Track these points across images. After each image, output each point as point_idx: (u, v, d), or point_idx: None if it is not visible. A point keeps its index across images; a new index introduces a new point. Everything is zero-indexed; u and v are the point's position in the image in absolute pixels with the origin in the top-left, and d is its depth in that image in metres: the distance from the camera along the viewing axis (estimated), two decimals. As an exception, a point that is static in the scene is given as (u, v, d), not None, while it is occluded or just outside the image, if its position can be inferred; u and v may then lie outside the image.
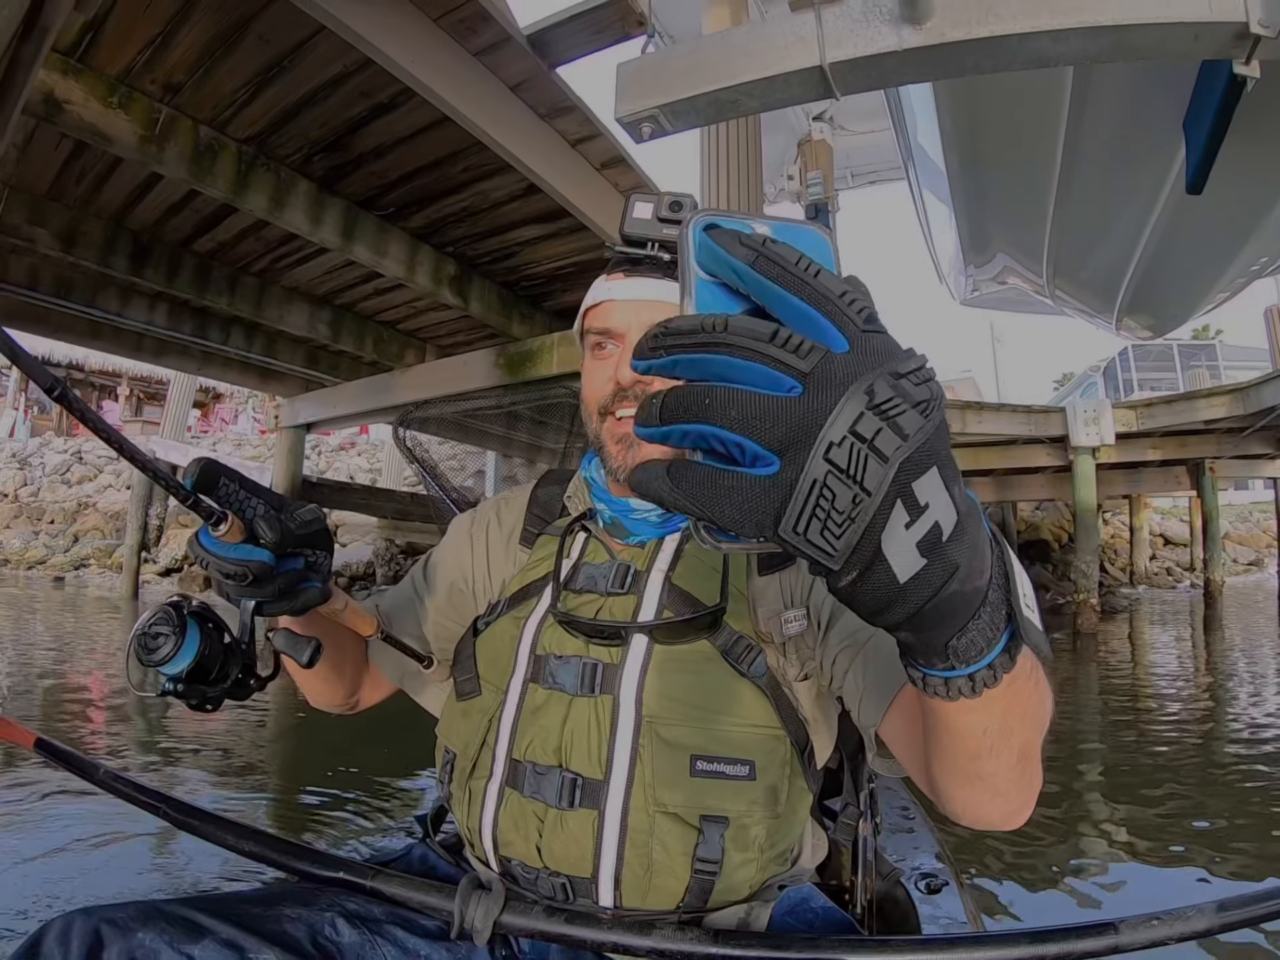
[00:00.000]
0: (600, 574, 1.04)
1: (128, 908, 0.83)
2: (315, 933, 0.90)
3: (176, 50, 3.68)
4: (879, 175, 16.22)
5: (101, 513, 17.26)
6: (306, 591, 0.88)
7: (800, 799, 0.99)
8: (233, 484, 0.81)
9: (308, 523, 0.86)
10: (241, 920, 0.86)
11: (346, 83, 3.87)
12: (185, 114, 4.11)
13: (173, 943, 0.80)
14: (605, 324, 1.02)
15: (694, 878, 0.90)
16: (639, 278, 1.01)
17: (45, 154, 4.57)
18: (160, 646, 0.82)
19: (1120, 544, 19.53)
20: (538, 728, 0.96)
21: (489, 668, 1.05)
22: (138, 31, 3.55)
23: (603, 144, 4.37)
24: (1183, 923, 0.67)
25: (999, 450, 12.60)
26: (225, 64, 3.77)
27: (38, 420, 25.87)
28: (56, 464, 19.65)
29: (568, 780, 0.92)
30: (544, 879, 0.93)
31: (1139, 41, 2.73)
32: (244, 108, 4.11)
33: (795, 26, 3.03)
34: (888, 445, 0.37)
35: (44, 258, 5.76)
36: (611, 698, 0.94)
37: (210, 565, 0.79)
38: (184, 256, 5.97)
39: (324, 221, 4.92)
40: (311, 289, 6.78)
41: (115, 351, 7.96)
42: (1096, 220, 7.76)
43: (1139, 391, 24.42)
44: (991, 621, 0.46)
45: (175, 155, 4.08)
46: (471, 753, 1.01)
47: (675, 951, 0.76)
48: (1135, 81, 5.34)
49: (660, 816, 0.90)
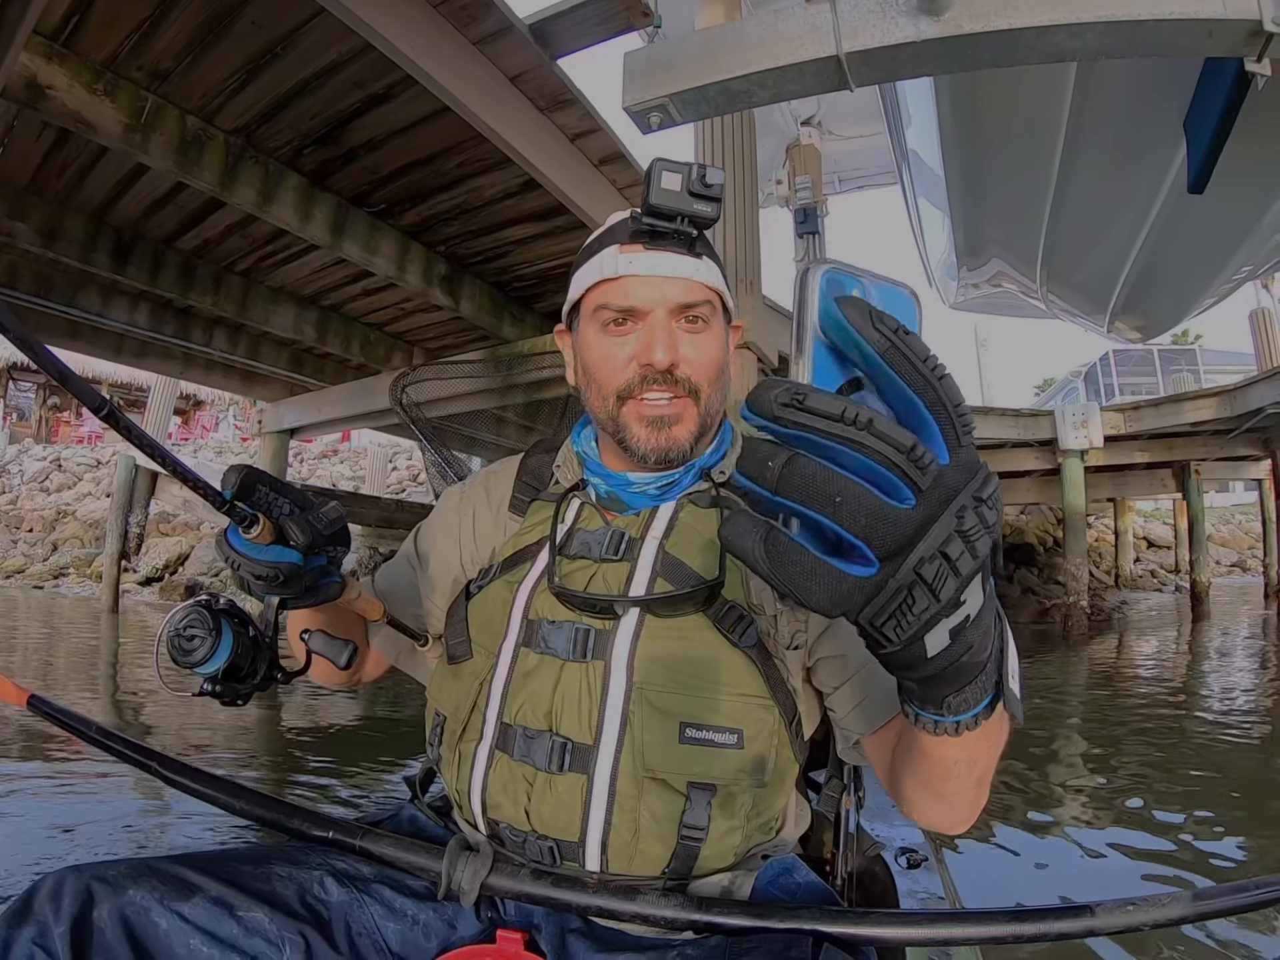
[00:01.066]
0: (595, 540, 1.02)
1: (118, 865, 0.85)
2: (304, 891, 0.91)
3: (165, 36, 3.58)
4: (867, 180, 16.23)
5: (81, 520, 17.04)
6: (329, 586, 0.92)
7: (787, 769, 0.98)
8: (267, 489, 0.84)
9: (333, 521, 0.88)
10: (231, 878, 0.87)
11: (340, 72, 3.77)
12: (172, 103, 4.01)
13: (163, 900, 0.82)
14: (627, 301, 0.98)
15: (680, 844, 0.90)
16: (663, 252, 0.97)
17: (26, 146, 4.47)
18: (196, 648, 0.84)
19: (1105, 547, 19.61)
20: (529, 692, 0.96)
21: (481, 631, 1.04)
22: (125, 16, 3.46)
23: (602, 139, 4.28)
24: (1158, 909, 0.68)
25: (987, 454, 12.48)
26: (215, 51, 3.67)
27: (16, 427, 25.64)
28: (35, 471, 19.41)
29: (558, 744, 0.92)
30: (532, 842, 0.93)
31: (1154, 37, 2.74)
32: (233, 97, 4.00)
33: (810, 16, 3.02)
34: (965, 566, 0.43)
35: (23, 254, 5.65)
36: (603, 663, 0.94)
37: (241, 567, 0.82)
38: (167, 254, 5.87)
39: (314, 217, 4.81)
40: (298, 289, 6.69)
41: (95, 354, 7.81)
42: (1093, 222, 7.79)
43: (1120, 396, 24.56)
44: (984, 685, 0.54)
45: (161, 145, 3.98)
46: (462, 715, 1.01)
47: (658, 917, 0.79)
48: (1136, 81, 5.36)
49: (649, 782, 0.91)
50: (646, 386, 0.99)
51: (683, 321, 1.00)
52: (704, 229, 0.97)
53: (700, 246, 1.00)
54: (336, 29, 3.34)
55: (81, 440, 23.35)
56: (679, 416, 1.00)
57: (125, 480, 12.37)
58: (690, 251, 0.98)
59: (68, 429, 26.16)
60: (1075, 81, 5.58)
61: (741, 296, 5.56)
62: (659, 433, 1.00)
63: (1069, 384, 29.44)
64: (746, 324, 5.38)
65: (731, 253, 5.71)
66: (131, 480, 12.53)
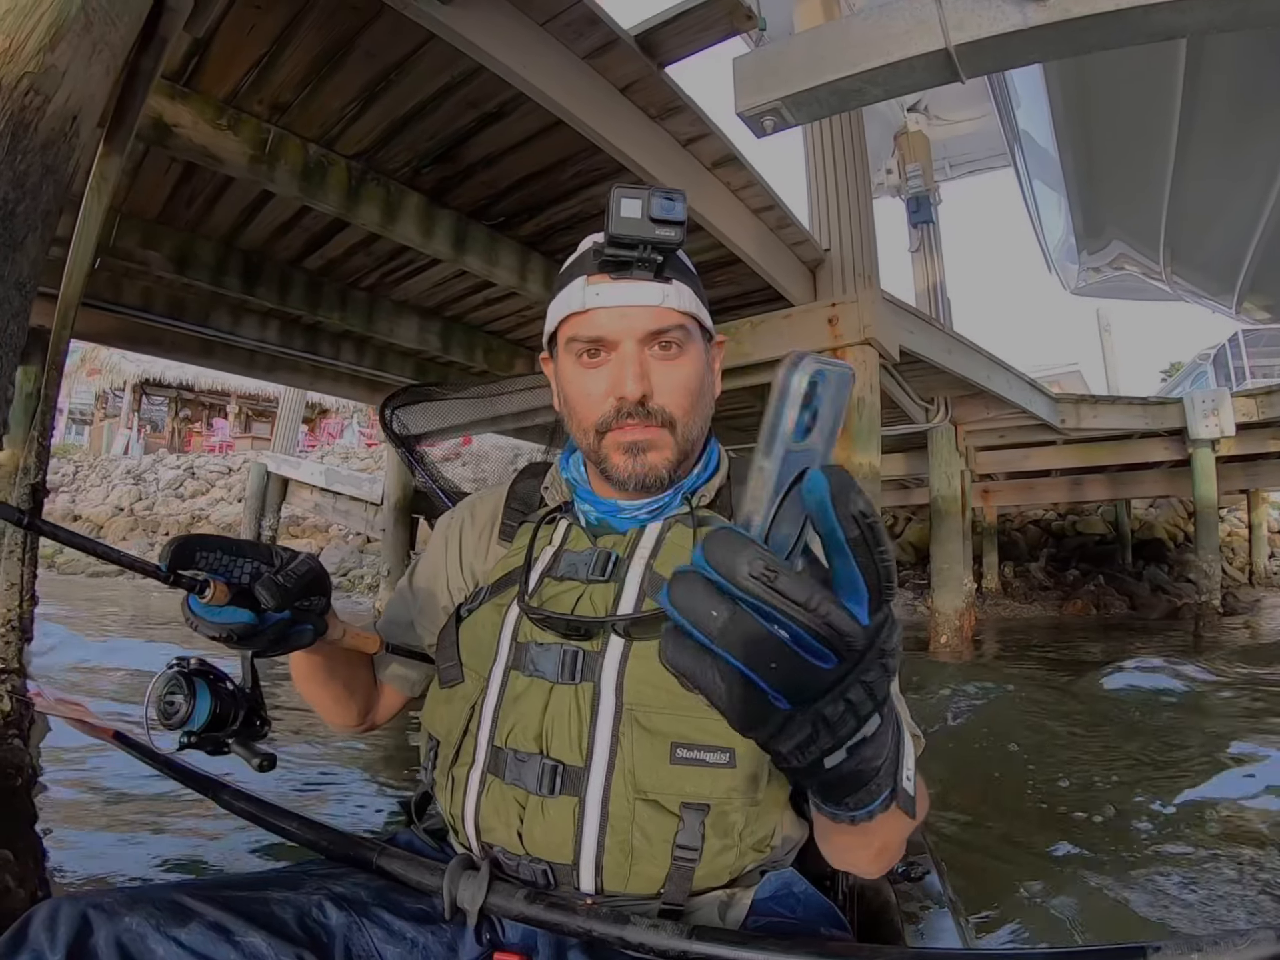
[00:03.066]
0: (582, 561, 1.03)
1: (114, 893, 0.86)
2: (303, 915, 0.91)
3: (282, 70, 3.70)
4: (978, 164, 15.83)
5: (214, 524, 17.82)
6: (299, 636, 0.96)
7: (780, 786, 0.98)
8: (213, 553, 0.88)
9: (301, 575, 0.92)
10: (228, 903, 0.88)
11: (454, 93, 3.83)
12: (293, 133, 4.13)
13: (159, 926, 0.82)
14: (596, 332, 1.00)
15: (674, 864, 0.91)
16: (629, 281, 0.99)
17: (155, 179, 4.66)
18: (178, 710, 0.95)
19: (1238, 542, 18.36)
20: (518, 714, 0.97)
21: (471, 655, 1.06)
22: (243, 53, 3.58)
23: (714, 143, 4.25)
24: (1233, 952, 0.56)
25: (1113, 446, 11.97)
26: (331, 81, 3.77)
27: (151, 438, 26.95)
28: (170, 479, 20.36)
29: (548, 767, 0.93)
30: (525, 865, 0.94)
31: (1262, 8, 2.63)
32: (351, 124, 4.11)
33: (915, 10, 3.01)
34: (865, 708, 0.47)
35: (157, 280, 5.89)
36: (592, 685, 0.95)
37: (199, 628, 0.88)
38: (294, 274, 6.07)
39: (435, 234, 4.91)
40: (421, 301, 6.84)
41: (227, 369, 8.12)
42: (1215, 198, 7.48)
43: (1250, 379, 23.23)
44: (880, 786, 0.56)
45: (285, 174, 4.11)
46: (454, 740, 1.03)
47: (653, 946, 0.79)
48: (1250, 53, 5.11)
49: (640, 803, 0.91)
50: (622, 419, 1.00)
51: (656, 349, 1.01)
52: (668, 254, 0.97)
53: (670, 270, 1.00)
54: (447, 53, 3.41)
55: (213, 449, 24.38)
56: (654, 443, 1.01)
57: (258, 485, 12.95)
58: (659, 277, 0.98)
59: (199, 439, 27.32)
60: (1187, 55, 5.36)
61: (859, 291, 5.46)
62: (634, 459, 1.01)
63: (1197, 368, 27.89)
64: (865, 319, 5.31)
65: (847, 246, 5.61)
66: (264, 485, 13.12)
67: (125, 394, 27.52)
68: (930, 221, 14.12)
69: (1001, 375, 8.33)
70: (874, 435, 5.40)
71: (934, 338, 6.99)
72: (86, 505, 20.38)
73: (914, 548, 15.95)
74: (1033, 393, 9.19)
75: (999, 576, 14.39)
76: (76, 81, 1.34)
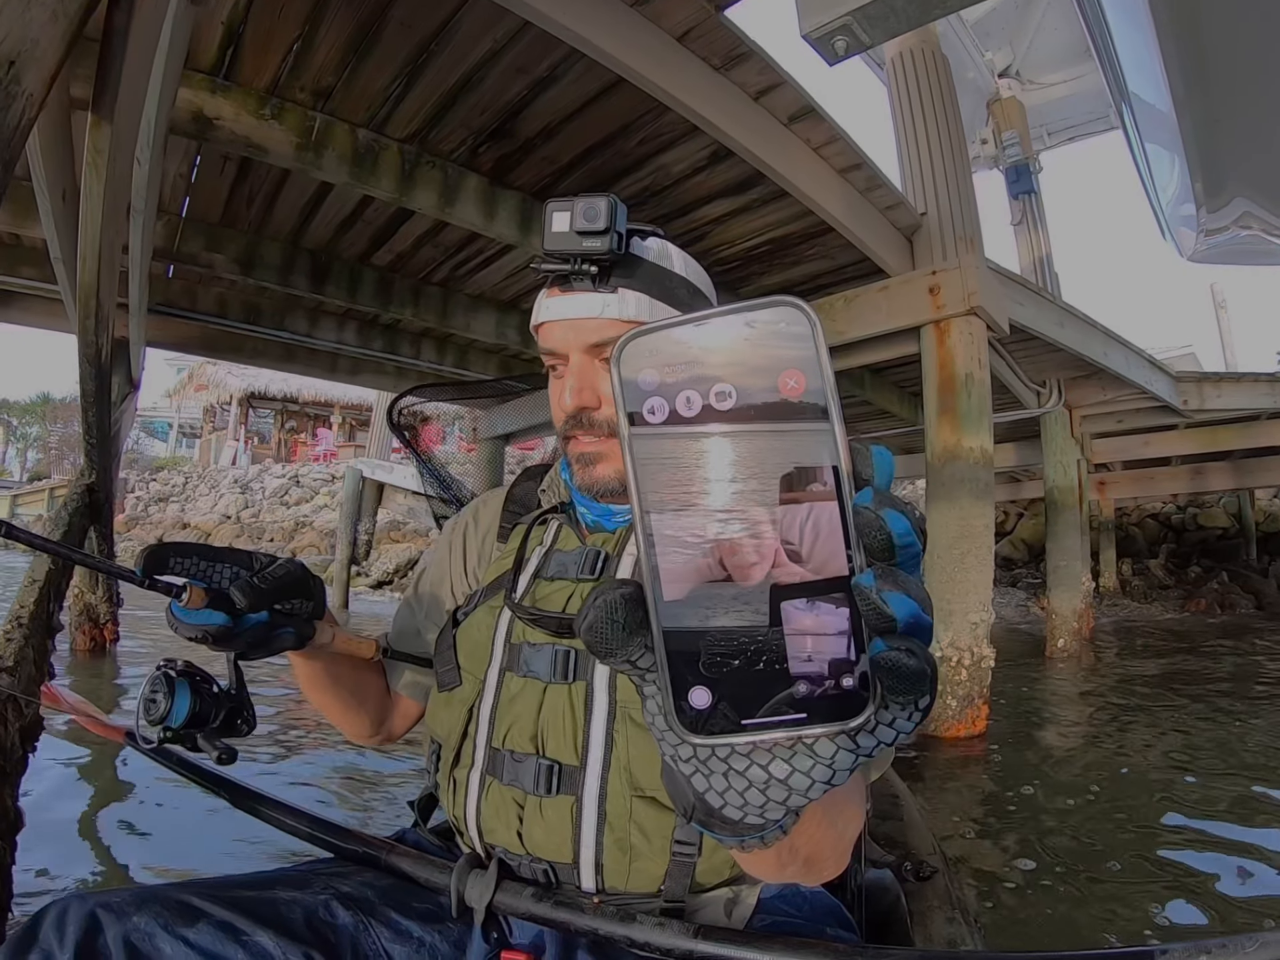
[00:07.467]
0: (571, 560, 1.04)
1: (123, 893, 0.86)
2: (310, 915, 0.91)
3: (319, 53, 3.53)
4: (1078, 130, 14.83)
5: (317, 530, 18.35)
6: (281, 639, 0.96)
7: None
8: (188, 559, 0.89)
9: (279, 578, 0.93)
10: (237, 903, 0.88)
11: (500, 60, 3.56)
12: (340, 118, 3.97)
13: (168, 925, 0.83)
14: (550, 345, 1.02)
15: (673, 860, 0.90)
16: (572, 294, 0.98)
17: (212, 181, 4.63)
18: (157, 707, 0.96)
19: (1375, 533, 16.93)
20: (514, 716, 0.97)
21: (468, 658, 1.06)
22: (277, 38, 3.43)
23: (788, 94, 3.84)
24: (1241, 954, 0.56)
25: (1239, 428, 10.81)
26: (371, 59, 3.58)
27: (258, 450, 27.94)
28: (275, 488, 21.30)
29: (544, 767, 0.93)
30: (526, 865, 0.93)
31: None
32: (399, 104, 3.90)
33: None
34: None
35: (230, 285, 5.92)
36: (585, 684, 0.95)
37: (178, 630, 0.88)
38: (363, 271, 5.97)
39: (498, 215, 4.66)
40: (496, 294, 6.67)
41: (311, 373, 8.16)
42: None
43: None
44: None
45: (334, 160, 3.95)
46: (454, 742, 1.02)
47: (658, 945, 0.79)
48: None
49: (637, 801, 0.90)
50: (574, 430, 1.02)
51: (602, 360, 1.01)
52: (605, 264, 0.95)
53: (621, 276, 0.98)
54: (485, 14, 3.18)
55: (318, 459, 25.13)
56: (603, 455, 1.01)
57: (353, 491, 13.05)
58: (604, 286, 0.97)
59: (304, 449, 28.15)
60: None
61: (961, 255, 5.01)
62: (584, 470, 1.02)
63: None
64: (969, 287, 4.84)
65: (945, 209, 5.16)
66: (359, 491, 13.22)
67: (232, 407, 28.67)
68: (1032, 191, 13.38)
69: (1119, 351, 7.65)
70: (984, 416, 4.92)
71: (1045, 310, 6.38)
72: (195, 514, 21.50)
73: (1025, 544, 15.36)
74: (1153, 370, 8.45)
75: (1116, 575, 13.47)
76: (11, 24, 1.30)
